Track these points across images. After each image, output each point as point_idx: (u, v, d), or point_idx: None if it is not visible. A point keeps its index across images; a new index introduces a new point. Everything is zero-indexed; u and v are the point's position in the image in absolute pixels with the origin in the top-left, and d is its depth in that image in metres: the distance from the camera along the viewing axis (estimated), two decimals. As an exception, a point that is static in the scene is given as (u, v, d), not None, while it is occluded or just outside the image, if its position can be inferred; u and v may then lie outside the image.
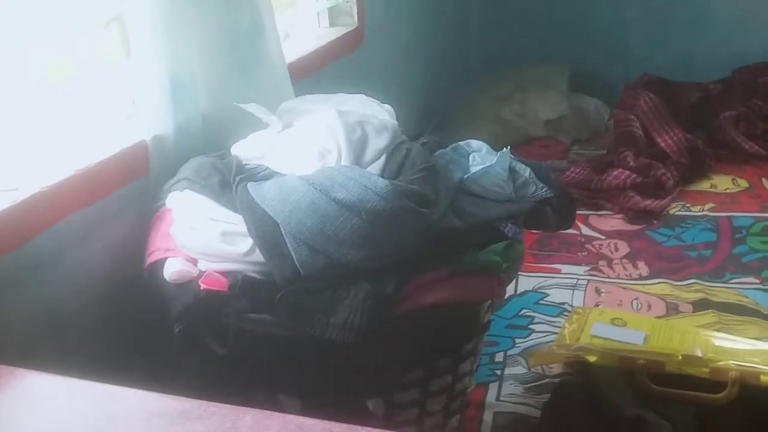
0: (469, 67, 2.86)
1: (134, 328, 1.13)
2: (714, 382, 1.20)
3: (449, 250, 0.99)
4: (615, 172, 2.17)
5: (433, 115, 2.69)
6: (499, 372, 1.47)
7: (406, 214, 0.93)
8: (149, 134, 1.20)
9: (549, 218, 1.17)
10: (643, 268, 1.81)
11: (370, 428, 0.66)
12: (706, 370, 1.20)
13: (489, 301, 1.10)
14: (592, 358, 1.29)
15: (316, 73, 1.78)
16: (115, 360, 1.10)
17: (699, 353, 1.27)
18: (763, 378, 1.17)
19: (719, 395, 1.18)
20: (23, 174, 1.04)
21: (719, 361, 1.22)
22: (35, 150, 1.12)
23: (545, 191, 1.18)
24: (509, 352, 1.53)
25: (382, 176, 1.01)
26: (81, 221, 1.07)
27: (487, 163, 1.17)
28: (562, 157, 2.55)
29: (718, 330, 1.50)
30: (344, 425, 0.67)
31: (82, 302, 1.08)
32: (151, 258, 1.06)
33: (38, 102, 1.19)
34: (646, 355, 1.26)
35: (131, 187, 1.17)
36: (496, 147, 2.41)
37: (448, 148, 1.18)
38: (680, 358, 1.23)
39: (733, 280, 1.71)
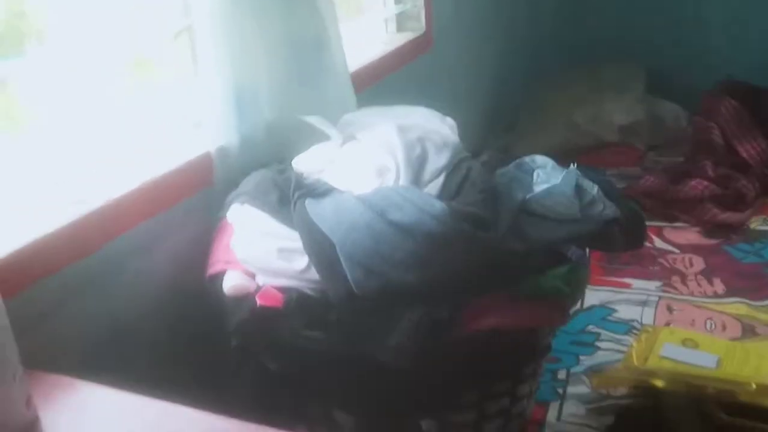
0: (541, 66, 2.79)
1: (196, 338, 1.15)
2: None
3: (508, 274, 0.97)
4: (692, 182, 2.09)
5: (503, 117, 2.65)
6: (560, 390, 1.43)
7: (463, 237, 0.92)
8: (214, 145, 1.21)
9: (617, 238, 1.12)
10: (719, 286, 1.72)
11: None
12: (783, 403, 1.14)
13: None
14: (659, 383, 1.23)
15: (384, 79, 1.77)
16: (176, 369, 1.13)
17: (775, 383, 1.20)
18: None
19: (796, 430, 1.11)
20: (91, 185, 1.07)
21: (797, 394, 1.15)
22: (103, 161, 1.15)
23: (613, 210, 1.13)
24: (572, 370, 1.49)
25: (440, 196, 1.00)
26: (145, 232, 1.10)
27: (553, 180, 1.13)
28: (636, 163, 2.47)
29: (797, 355, 1.41)
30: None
31: (146, 311, 1.10)
32: (212, 269, 1.08)
33: (107, 113, 1.22)
34: (717, 382, 1.20)
35: (196, 198, 1.19)
36: (568, 151, 2.38)
37: (510, 165, 1.15)
38: (754, 387, 1.17)
39: (817, 302, 1.61)
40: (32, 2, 1.12)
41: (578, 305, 1.65)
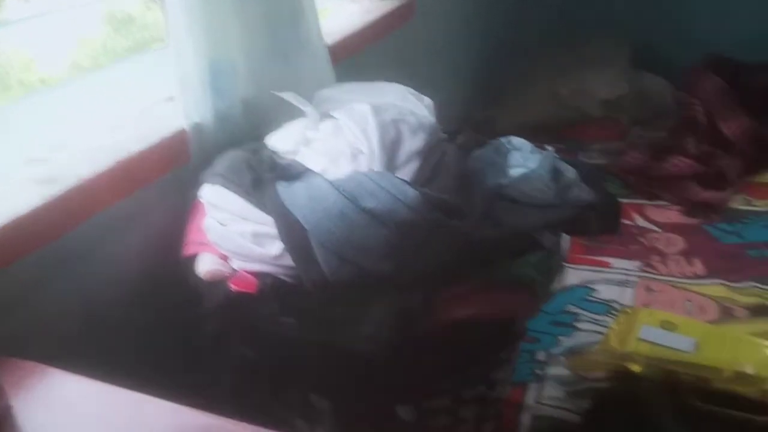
0: (525, 39, 2.75)
1: (171, 322, 1.13)
2: (765, 403, 1.14)
3: (482, 262, 0.96)
4: (674, 160, 2.08)
5: (487, 89, 2.62)
6: (539, 372, 1.44)
7: (436, 226, 0.90)
8: (189, 122, 1.18)
9: (592, 224, 1.12)
10: (699, 267, 1.73)
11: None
12: (756, 390, 1.14)
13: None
14: (636, 369, 1.24)
15: (365, 49, 1.73)
16: (150, 353, 1.12)
17: (750, 370, 1.21)
18: (818, 401, 1.11)
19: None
20: (61, 163, 1.04)
21: (772, 380, 1.16)
22: (74, 139, 1.12)
23: (590, 195, 1.12)
24: (552, 351, 1.49)
25: (414, 181, 0.98)
26: (120, 212, 1.07)
27: (529, 164, 1.12)
28: (619, 138, 2.45)
29: (774, 340, 1.42)
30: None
31: (120, 294, 1.08)
32: (187, 251, 1.06)
33: (77, 87, 1.19)
34: (693, 369, 1.20)
35: (171, 176, 1.16)
36: (551, 125, 2.36)
37: (487, 148, 1.13)
38: (730, 374, 1.17)
39: (796, 284, 1.62)
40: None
41: (555, 290, 1.65)
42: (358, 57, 1.68)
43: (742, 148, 2.11)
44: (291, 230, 0.93)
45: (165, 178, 1.16)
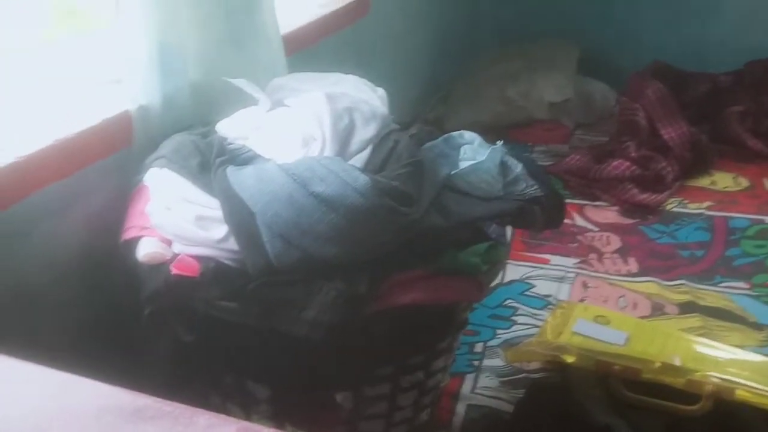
0: (478, 41, 2.80)
1: (108, 305, 1.12)
2: (690, 393, 1.19)
3: (428, 250, 0.97)
4: (615, 163, 2.14)
5: (438, 88, 2.65)
6: (476, 363, 1.47)
7: (385, 212, 0.91)
8: (134, 104, 1.17)
9: (537, 218, 1.14)
10: (633, 265, 1.79)
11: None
12: (683, 380, 1.19)
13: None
14: (569, 359, 1.27)
15: (318, 43, 1.74)
16: (86, 336, 1.10)
17: (678, 361, 1.26)
18: (738, 393, 1.16)
19: (693, 407, 1.17)
20: (-1, 142, 1.02)
21: (697, 372, 1.21)
22: (12, 116, 1.09)
23: (535, 189, 1.15)
24: (489, 343, 1.53)
25: (366, 169, 0.99)
26: (58, 192, 1.05)
27: (479, 157, 1.14)
28: (564, 141, 2.52)
29: (702, 335, 1.48)
30: (298, 436, 0.65)
31: (55, 276, 1.06)
32: (127, 235, 1.05)
33: (19, 65, 1.16)
34: (623, 360, 1.25)
35: (113, 159, 1.15)
36: (499, 126, 2.40)
37: (438, 140, 1.15)
38: (658, 366, 1.22)
39: (723, 284, 1.69)
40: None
41: (498, 280, 1.69)
42: (312, 50, 1.68)
43: (679, 153, 2.19)
44: (237, 212, 0.93)
45: (106, 160, 1.14)
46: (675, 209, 2.04)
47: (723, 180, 2.18)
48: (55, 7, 1.31)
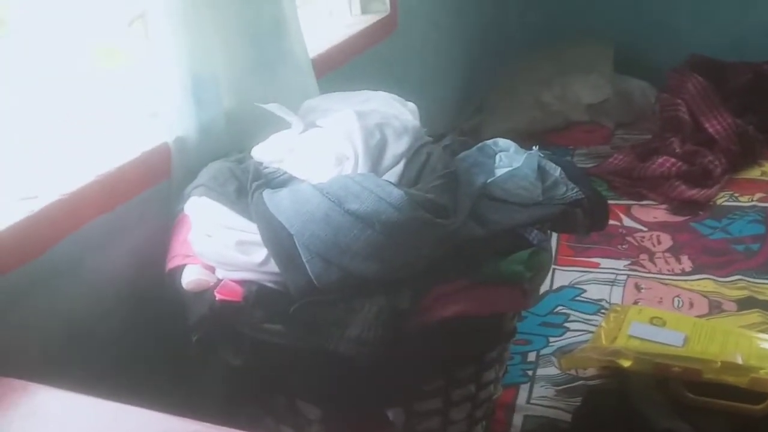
0: (508, 47, 2.78)
1: (155, 335, 1.13)
2: (754, 392, 1.14)
3: (469, 260, 0.96)
4: (660, 160, 2.09)
5: (472, 99, 2.64)
6: (530, 372, 1.44)
7: (422, 226, 0.90)
8: (171, 136, 1.19)
9: (579, 221, 1.12)
10: (686, 263, 1.74)
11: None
12: (746, 379, 1.14)
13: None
14: (626, 363, 1.24)
15: (349, 62, 1.75)
16: (137, 368, 1.11)
17: (739, 360, 1.21)
18: (807, 389, 1.11)
19: (759, 406, 1.13)
20: (43, 180, 1.04)
21: (761, 369, 1.16)
22: (55, 154, 1.12)
23: (575, 192, 1.12)
24: (542, 352, 1.50)
25: (400, 183, 0.98)
26: (101, 227, 1.07)
27: (515, 164, 1.13)
28: (605, 142, 2.48)
29: (763, 330, 1.43)
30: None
31: (103, 310, 1.08)
32: (171, 264, 1.06)
33: (60, 104, 1.19)
34: (682, 361, 1.21)
35: (153, 191, 1.17)
36: (536, 132, 2.38)
37: (472, 149, 1.14)
38: (719, 365, 1.18)
39: (782, 277, 1.63)
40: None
41: (546, 287, 1.66)
42: (343, 69, 1.69)
43: (726, 145, 2.13)
44: (275, 235, 0.93)
45: (147, 192, 1.16)
46: (726, 203, 1.97)
47: (773, 170, 2.11)
48: (94, 46, 1.34)
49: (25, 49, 1.13)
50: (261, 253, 0.96)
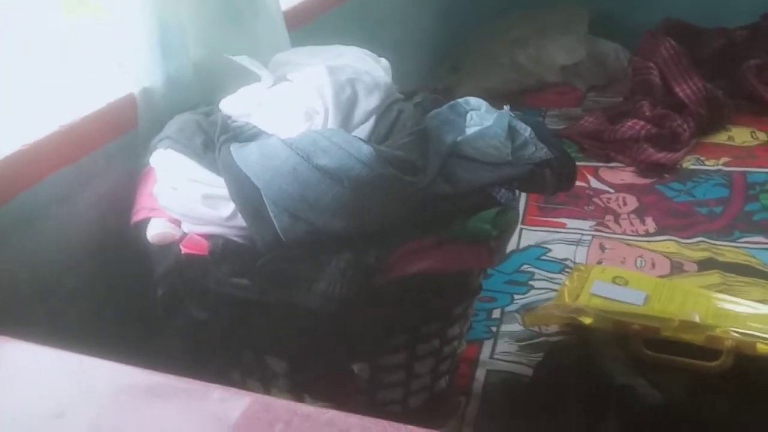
0: (485, 8, 2.76)
1: (122, 287, 1.13)
2: (710, 350, 1.18)
3: (437, 218, 0.97)
4: (629, 123, 2.11)
5: (446, 58, 2.62)
6: (494, 329, 1.47)
7: (391, 182, 0.90)
8: (138, 86, 1.16)
9: (547, 181, 1.13)
10: (651, 225, 1.77)
11: (335, 411, 0.65)
12: (702, 337, 1.18)
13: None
14: (587, 321, 1.26)
15: (320, 17, 1.72)
16: (102, 320, 1.11)
17: (697, 318, 1.25)
18: (760, 347, 1.15)
19: (714, 363, 1.16)
20: (4, 130, 1.02)
21: (717, 328, 1.20)
22: (19, 105, 1.10)
23: (544, 152, 1.13)
24: (507, 309, 1.52)
25: (370, 139, 0.98)
26: (66, 178, 1.06)
27: (486, 123, 1.13)
28: (577, 104, 2.49)
29: (721, 291, 1.47)
30: (310, 407, 0.65)
31: (69, 261, 1.07)
32: (137, 216, 1.05)
33: (25, 55, 1.16)
34: (642, 319, 1.24)
35: (119, 142, 1.15)
36: (510, 92, 2.38)
37: (444, 107, 1.14)
38: (677, 323, 1.21)
39: (742, 239, 1.67)
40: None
41: (512, 246, 1.68)
42: (316, 24, 1.67)
43: (695, 110, 2.16)
44: (242, 189, 0.92)
45: (113, 144, 1.14)
46: (692, 167, 2.01)
47: (740, 135, 2.14)
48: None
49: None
50: (228, 207, 0.95)
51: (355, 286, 0.90)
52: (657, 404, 1.11)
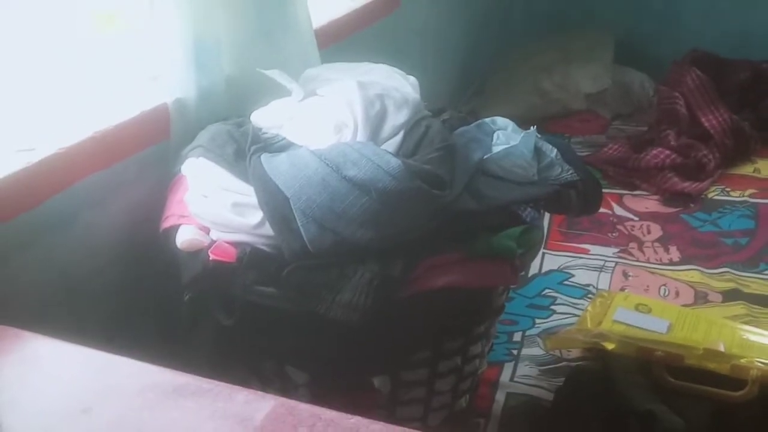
0: (511, 32, 2.78)
1: (149, 292, 1.14)
2: (735, 379, 1.16)
3: (462, 233, 0.97)
4: (654, 151, 2.10)
5: (472, 81, 2.64)
6: (515, 352, 1.45)
7: (418, 195, 0.91)
8: (171, 97, 1.19)
9: (573, 202, 1.13)
10: (675, 254, 1.75)
11: (359, 417, 0.65)
12: (727, 366, 1.16)
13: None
14: (610, 346, 1.26)
15: (350, 37, 1.75)
16: (129, 323, 1.12)
17: (722, 347, 1.23)
18: (786, 378, 1.13)
19: (738, 393, 1.14)
20: (41, 134, 1.04)
21: (742, 358, 1.18)
22: (56, 111, 1.12)
23: (570, 174, 1.13)
24: (528, 332, 1.51)
25: (398, 154, 0.99)
26: (98, 184, 1.08)
27: (512, 142, 1.13)
28: (601, 131, 2.48)
29: (746, 322, 1.45)
30: (334, 412, 0.66)
31: (98, 265, 1.08)
32: (166, 223, 1.07)
33: (61, 60, 1.19)
34: (665, 346, 1.23)
35: (151, 151, 1.17)
36: (534, 118, 2.38)
37: (471, 125, 1.15)
38: (701, 351, 1.20)
39: (768, 271, 1.65)
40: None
41: (535, 270, 1.68)
42: (345, 43, 1.69)
43: (721, 140, 2.15)
44: (271, 198, 0.93)
45: (145, 152, 1.16)
46: (717, 197, 1.99)
47: (766, 168, 2.12)
48: (93, 13, 1.33)
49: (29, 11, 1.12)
50: (256, 216, 0.96)
51: (380, 298, 0.90)
52: (679, 431, 1.09)
